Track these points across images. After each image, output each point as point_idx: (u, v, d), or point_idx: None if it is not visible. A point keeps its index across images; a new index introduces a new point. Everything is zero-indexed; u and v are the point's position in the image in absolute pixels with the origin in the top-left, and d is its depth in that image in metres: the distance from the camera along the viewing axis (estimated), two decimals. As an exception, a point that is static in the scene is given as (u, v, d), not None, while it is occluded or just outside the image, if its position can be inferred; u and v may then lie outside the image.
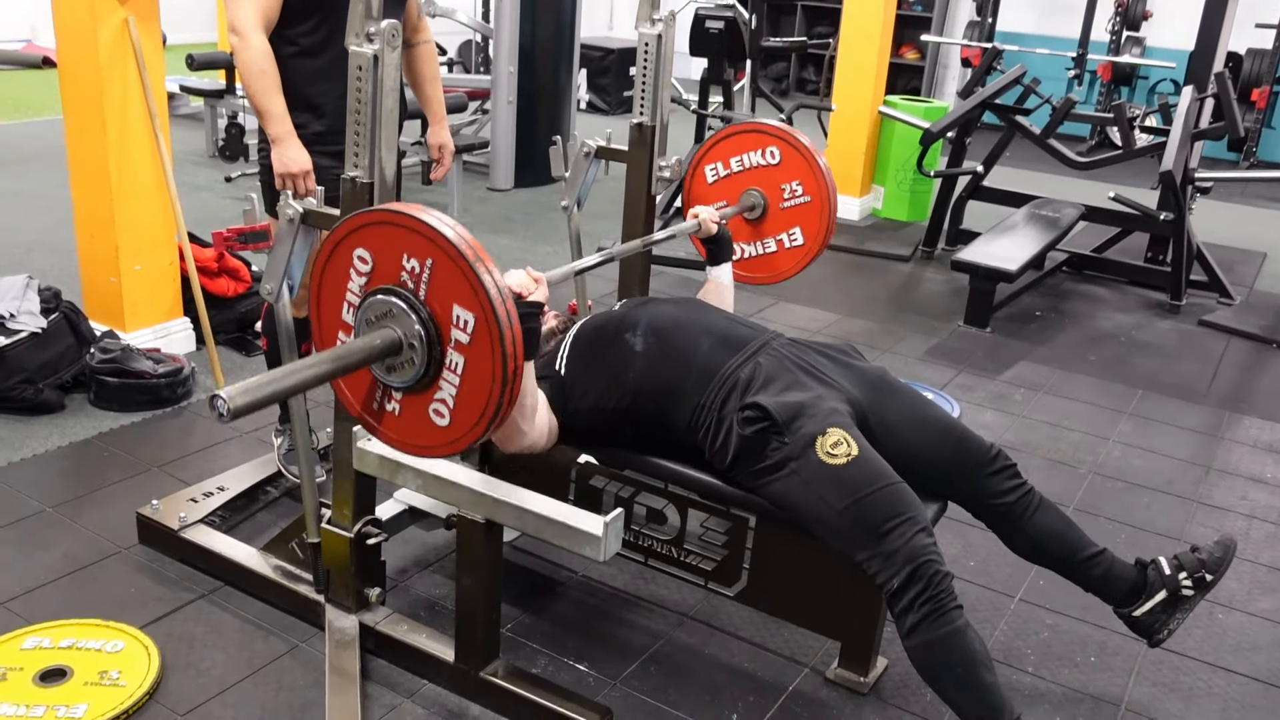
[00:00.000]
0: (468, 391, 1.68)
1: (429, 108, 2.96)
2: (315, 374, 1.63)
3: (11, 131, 7.01)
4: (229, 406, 1.46)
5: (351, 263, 1.74)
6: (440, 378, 1.71)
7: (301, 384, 1.61)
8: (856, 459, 1.97)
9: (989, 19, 9.07)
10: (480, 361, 1.65)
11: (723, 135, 2.87)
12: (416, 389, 1.74)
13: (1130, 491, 3.23)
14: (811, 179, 2.75)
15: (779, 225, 2.82)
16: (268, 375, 1.56)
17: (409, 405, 1.77)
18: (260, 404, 1.53)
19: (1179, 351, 4.51)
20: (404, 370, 1.72)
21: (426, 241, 1.65)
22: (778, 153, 2.78)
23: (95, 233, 3.47)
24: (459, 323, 1.65)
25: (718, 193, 2.86)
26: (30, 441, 3.06)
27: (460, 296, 1.64)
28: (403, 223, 1.67)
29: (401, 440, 1.82)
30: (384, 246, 1.70)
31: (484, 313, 1.62)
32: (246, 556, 2.47)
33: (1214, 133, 5.15)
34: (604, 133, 2.78)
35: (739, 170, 2.84)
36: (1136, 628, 2.21)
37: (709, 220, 2.61)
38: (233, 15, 2.47)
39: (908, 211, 6.36)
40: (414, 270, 1.68)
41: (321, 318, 1.84)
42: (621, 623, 2.45)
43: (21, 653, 2.15)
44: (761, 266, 2.89)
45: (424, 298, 1.68)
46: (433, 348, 1.69)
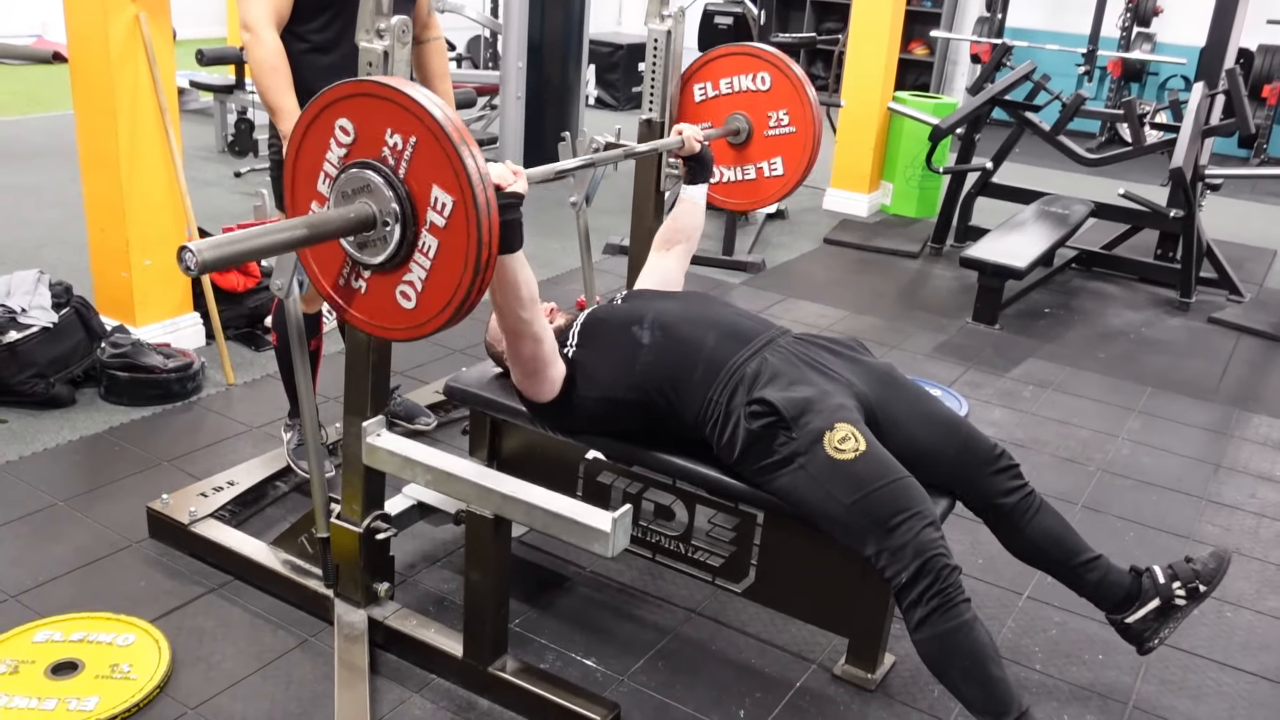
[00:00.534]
0: (438, 276, 1.66)
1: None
2: (287, 238, 1.60)
3: (22, 126, 7.03)
4: (197, 259, 1.45)
5: (333, 132, 1.71)
6: (411, 259, 1.68)
7: (273, 245, 1.60)
8: (864, 454, 1.97)
9: (998, 15, 9.04)
10: (454, 247, 1.62)
11: (715, 54, 2.82)
12: (385, 268, 1.71)
13: (1139, 489, 3.23)
14: (800, 109, 2.72)
15: (761, 153, 2.80)
16: (239, 233, 1.54)
17: (376, 284, 1.74)
18: (229, 260, 1.51)
19: (1188, 349, 4.50)
20: (375, 247, 1.69)
21: (412, 118, 1.61)
22: (769, 79, 2.75)
23: (106, 227, 3.49)
24: (437, 205, 1.63)
25: (705, 112, 2.82)
26: (41, 435, 3.07)
27: (441, 178, 1.61)
28: (390, 96, 1.63)
29: (366, 320, 1.79)
30: (368, 119, 1.66)
31: (464, 197, 1.59)
32: (256, 551, 2.48)
33: (1225, 129, 5.14)
34: (613, 129, 2.78)
35: (727, 92, 2.80)
36: (1127, 635, 2.22)
37: (692, 138, 2.58)
38: (245, 12, 2.47)
39: (916, 208, 6.35)
40: (396, 147, 1.64)
41: (295, 186, 1.80)
42: (629, 618, 2.45)
43: (33, 646, 2.17)
44: (740, 192, 2.87)
45: (404, 176, 1.65)
46: (407, 227, 1.66)
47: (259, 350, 3.75)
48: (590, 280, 3.08)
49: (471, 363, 3.24)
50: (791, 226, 5.99)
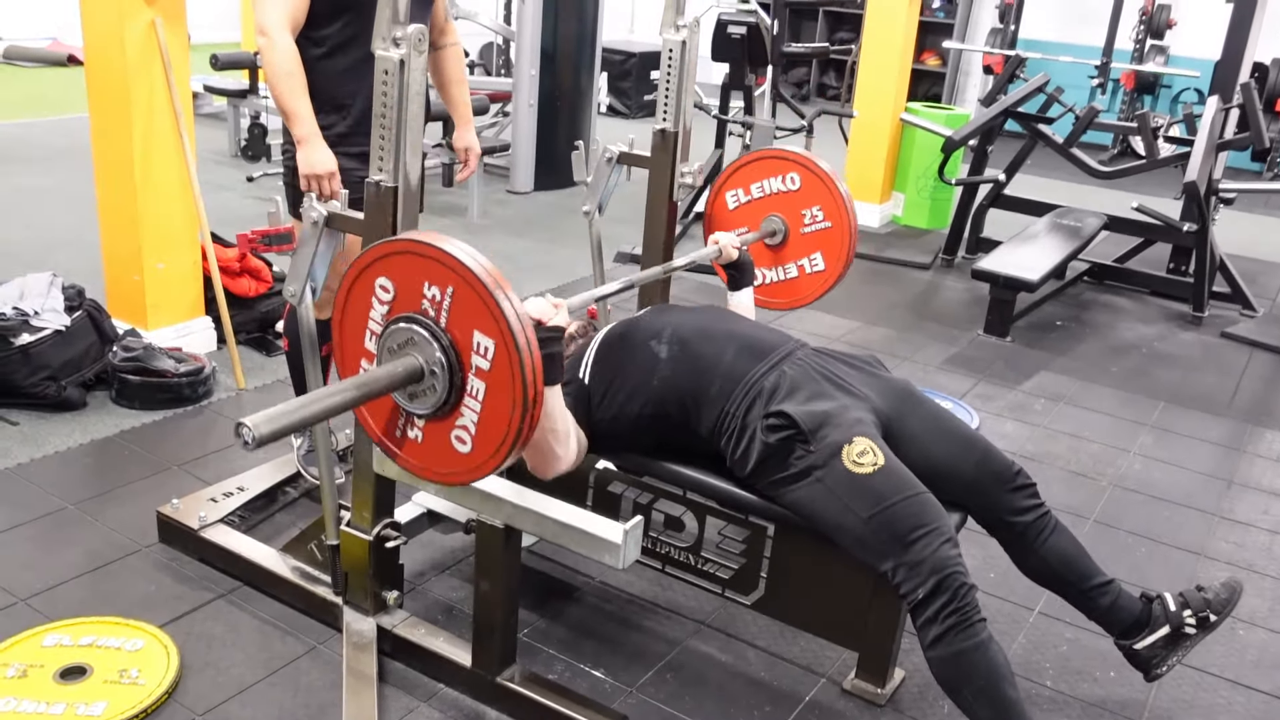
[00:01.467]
0: (489, 418, 1.69)
1: (455, 110, 2.96)
2: (339, 401, 1.64)
3: (37, 128, 7.07)
4: (254, 435, 1.49)
5: (374, 291, 1.76)
6: (462, 404, 1.72)
7: (325, 411, 1.63)
8: (883, 468, 1.97)
9: (1011, 26, 9.03)
10: (501, 387, 1.66)
11: (743, 162, 2.87)
12: (438, 416, 1.75)
13: (1151, 505, 3.21)
14: (832, 204, 2.76)
15: (800, 250, 2.83)
16: (292, 404, 1.58)
17: (431, 432, 1.78)
18: (284, 432, 1.55)
19: (1201, 363, 4.48)
20: (426, 397, 1.73)
21: (447, 269, 1.66)
22: (798, 178, 2.79)
23: (119, 231, 3.50)
24: (479, 349, 1.66)
25: (739, 219, 2.87)
26: (53, 439, 3.08)
27: (480, 323, 1.65)
28: (424, 251, 1.68)
29: (423, 467, 1.82)
30: (405, 275, 1.72)
31: (504, 339, 1.63)
32: (265, 557, 2.48)
33: (1239, 143, 5.12)
34: (627, 138, 2.79)
35: (759, 196, 2.84)
36: (1135, 661, 2.20)
37: (729, 246, 2.62)
38: (260, 16, 2.48)
39: (928, 219, 6.34)
40: (434, 298, 1.69)
41: (344, 346, 1.85)
42: (638, 629, 2.44)
43: (43, 649, 2.17)
44: (783, 291, 2.89)
45: (445, 325, 1.69)
46: (454, 374, 1.70)
47: (270, 355, 3.75)
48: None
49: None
50: (802, 236, 5.98)
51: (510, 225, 5.77)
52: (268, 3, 2.46)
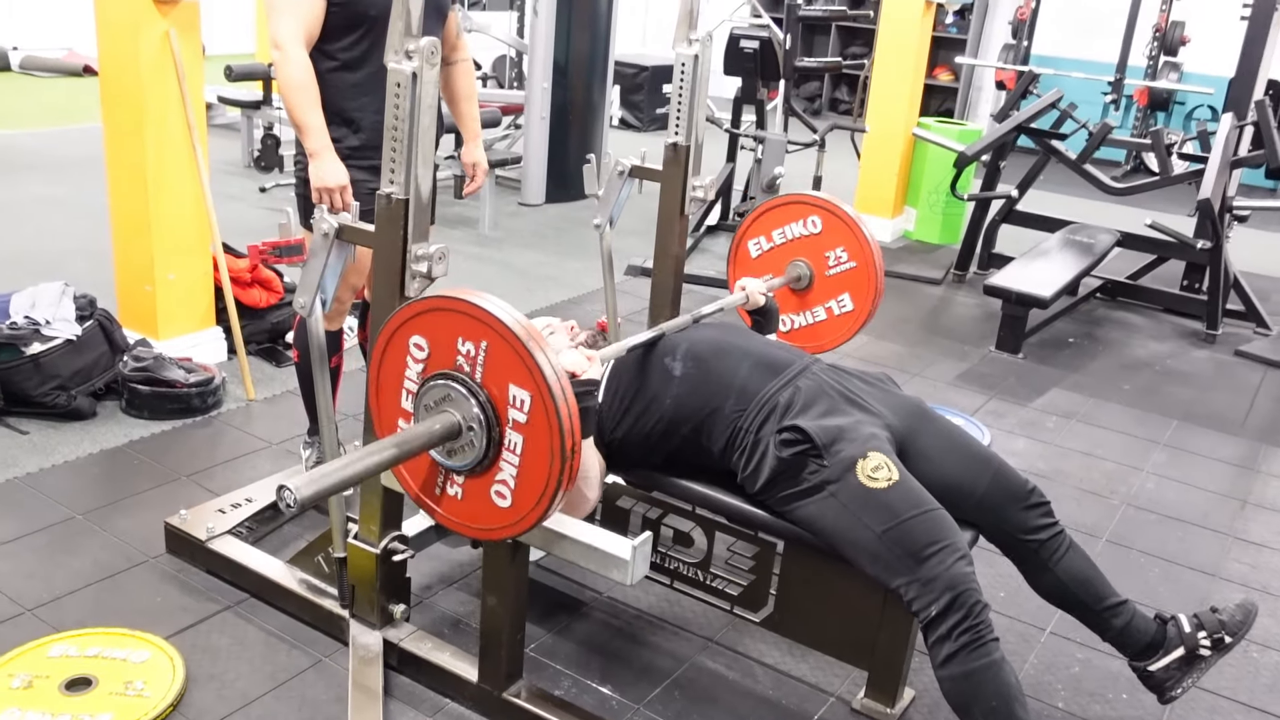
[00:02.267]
0: (528, 471, 1.70)
1: (464, 125, 2.97)
2: (378, 461, 1.65)
3: (51, 138, 7.11)
4: (296, 498, 1.50)
5: (408, 350, 1.78)
6: (500, 459, 1.72)
7: (365, 472, 1.64)
8: (897, 484, 1.95)
9: (1024, 42, 9.03)
10: (539, 440, 1.66)
11: (763, 209, 2.88)
12: (478, 471, 1.75)
13: (1164, 524, 3.18)
14: (855, 244, 2.76)
15: (827, 293, 2.83)
16: (332, 466, 1.59)
17: (471, 488, 1.79)
18: (326, 493, 1.57)
19: (1215, 382, 4.45)
20: (464, 453, 1.74)
21: (480, 325, 1.68)
22: (819, 221, 2.79)
23: (131, 241, 3.51)
24: (516, 402, 1.67)
25: (762, 266, 2.87)
26: (62, 448, 3.08)
27: (516, 376, 1.66)
28: (457, 308, 1.70)
29: (463, 523, 1.83)
30: (439, 332, 1.73)
31: (540, 391, 1.64)
32: (272, 569, 2.47)
33: (1253, 161, 5.09)
34: (638, 152, 2.78)
35: (782, 242, 2.85)
36: (1150, 683, 2.18)
37: (755, 293, 2.61)
38: (275, 30, 2.49)
39: (940, 234, 6.32)
40: (469, 353, 1.70)
41: (381, 406, 1.86)
42: (646, 645, 2.43)
43: (48, 660, 2.16)
44: (812, 335, 2.88)
45: (480, 380, 1.70)
46: (491, 429, 1.70)
47: (280, 366, 3.75)
48: (612, 301, 3.07)
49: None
50: (814, 251, 5.97)
51: (522, 237, 5.77)
52: (283, 17, 2.48)
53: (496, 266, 5.19)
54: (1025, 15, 9.07)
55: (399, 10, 1.81)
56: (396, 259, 1.93)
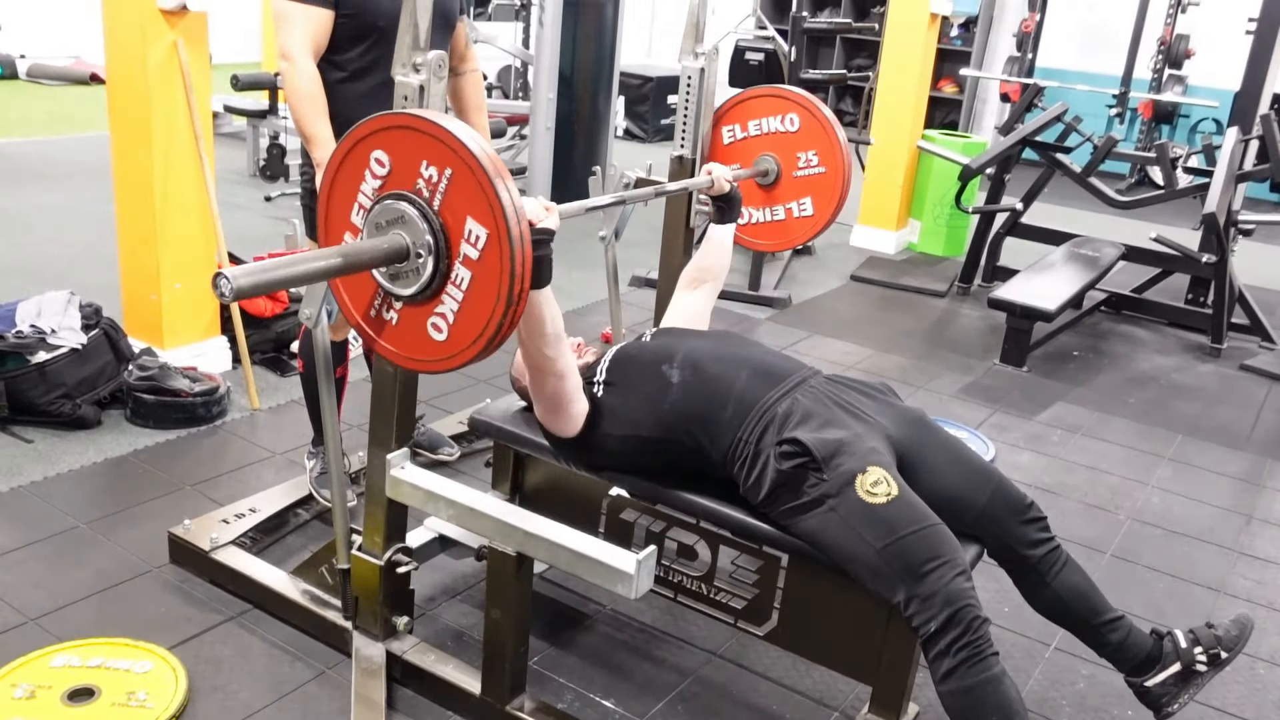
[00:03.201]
0: (470, 309, 1.66)
1: None
2: (321, 267, 1.61)
3: (58, 146, 7.13)
4: (232, 286, 1.45)
5: (368, 164, 1.72)
6: (443, 292, 1.68)
7: (306, 274, 1.61)
8: (897, 498, 1.94)
9: (1029, 54, 9.03)
10: (487, 279, 1.63)
11: (743, 97, 2.82)
12: (417, 300, 1.71)
13: (1169, 539, 3.17)
14: (829, 150, 2.72)
15: (790, 193, 2.79)
16: (274, 261, 1.55)
17: (407, 316, 1.75)
18: (263, 287, 1.52)
19: (1220, 396, 4.44)
20: (408, 279, 1.70)
21: (448, 151, 1.62)
22: (797, 120, 2.75)
23: (137, 250, 3.51)
24: (470, 237, 1.63)
25: (733, 154, 2.83)
26: (67, 457, 3.08)
27: (475, 210, 1.61)
28: (426, 129, 1.65)
29: (396, 351, 1.79)
30: (404, 151, 1.68)
31: (498, 229, 1.59)
32: (276, 580, 2.47)
33: (1258, 175, 5.09)
34: (644, 163, 2.78)
35: (756, 134, 2.80)
36: (1146, 699, 2.17)
37: (721, 178, 2.58)
38: (283, 41, 2.50)
39: (944, 247, 6.32)
40: (431, 179, 1.65)
41: (329, 216, 1.81)
42: (649, 659, 2.42)
43: (51, 670, 2.16)
44: (768, 233, 2.85)
45: (438, 208, 1.66)
46: (440, 259, 1.66)
47: (285, 375, 3.75)
48: (617, 313, 3.07)
49: (497, 394, 3.23)
50: (818, 263, 5.98)
51: (526, 248, 5.77)
52: (291, 28, 2.49)
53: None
54: (1030, 28, 9.08)
55: (407, 23, 1.81)
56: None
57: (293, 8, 2.49)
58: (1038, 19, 9.02)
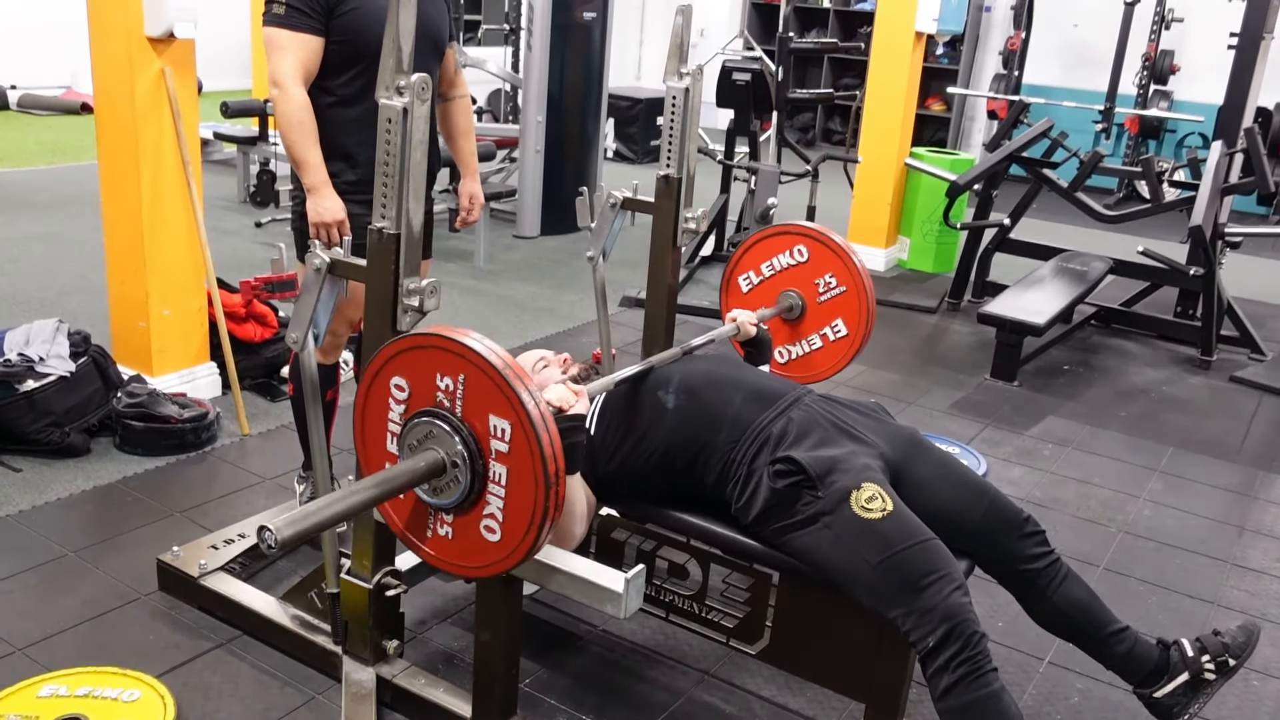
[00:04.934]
0: (514, 501, 1.69)
1: (461, 160, 2.99)
2: (360, 500, 1.64)
3: (48, 175, 7.13)
4: (277, 539, 1.49)
5: (389, 392, 1.78)
6: (486, 492, 1.72)
7: (346, 511, 1.63)
8: (892, 514, 1.94)
9: (1015, 71, 9.10)
10: (522, 468, 1.66)
11: (749, 244, 2.89)
12: (465, 507, 1.75)
13: (1161, 552, 3.17)
14: (843, 269, 2.77)
15: (820, 320, 2.84)
16: (315, 507, 1.58)
17: (460, 526, 1.78)
18: (307, 535, 1.55)
19: (1210, 408, 4.45)
20: (450, 490, 1.74)
21: (456, 358, 1.68)
22: (805, 250, 2.80)
23: (126, 277, 3.51)
24: (497, 433, 1.67)
25: (755, 300, 2.88)
26: (55, 485, 3.07)
27: (495, 406, 1.66)
28: (432, 344, 1.71)
29: (455, 563, 1.82)
30: (417, 371, 1.74)
31: (519, 417, 1.64)
32: (265, 605, 2.46)
33: (1244, 188, 5.12)
34: (631, 184, 2.79)
35: (770, 275, 2.86)
36: (1156, 710, 2.16)
37: (747, 324, 2.62)
38: (273, 68, 2.51)
39: (933, 263, 6.34)
40: (448, 389, 1.70)
41: (368, 452, 1.87)
42: (641, 679, 2.41)
43: (38, 701, 2.14)
44: (809, 365, 2.88)
45: (461, 414, 1.70)
46: (475, 462, 1.70)
47: (275, 401, 3.75)
48: (606, 333, 3.07)
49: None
50: (808, 280, 5.98)
51: (516, 270, 5.79)
52: (282, 55, 2.49)
53: (491, 299, 5.19)
54: (1016, 45, 9.15)
55: (390, 47, 1.82)
56: (388, 293, 1.94)
57: (283, 35, 2.50)
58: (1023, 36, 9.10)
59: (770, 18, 10.87)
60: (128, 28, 3.22)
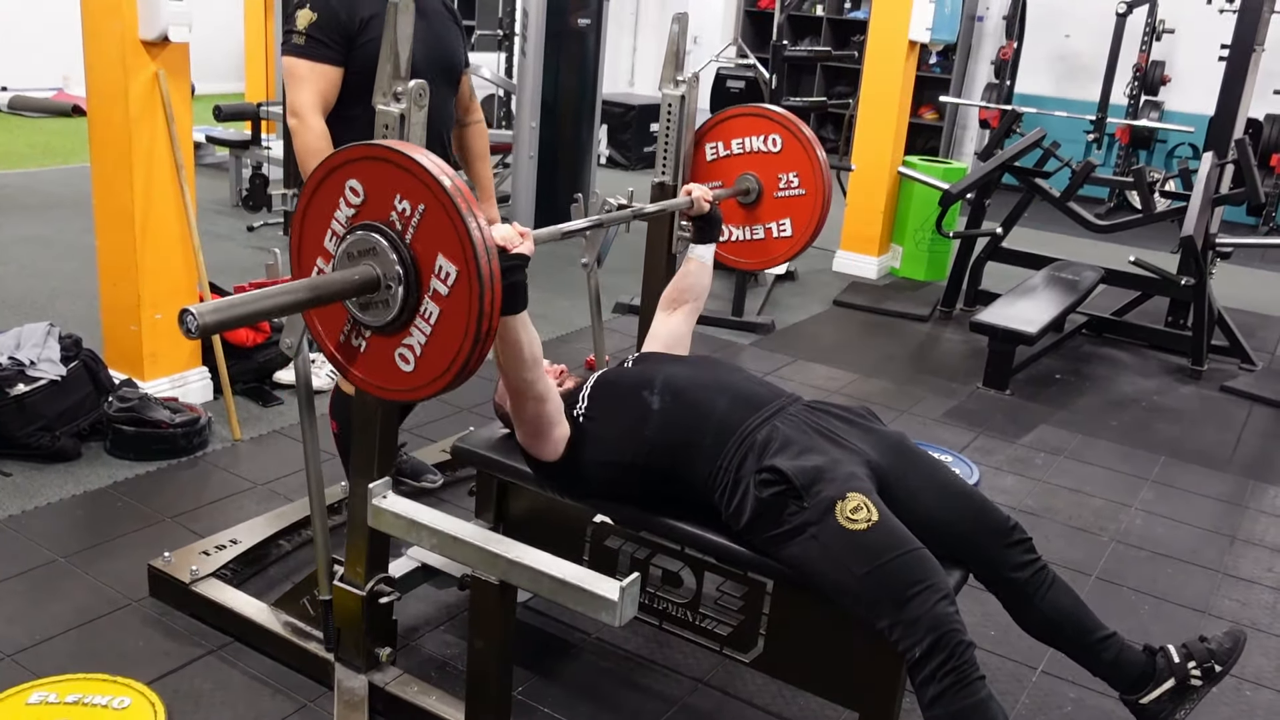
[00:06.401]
0: (437, 342, 1.67)
1: (479, 185, 2.98)
2: (289, 300, 1.62)
3: (39, 178, 7.11)
4: (198, 323, 1.45)
5: (343, 192, 1.73)
6: (412, 324, 1.69)
7: (275, 308, 1.62)
8: (877, 524, 1.94)
9: (1007, 81, 9.14)
10: (455, 316, 1.64)
11: (728, 115, 2.83)
12: (386, 331, 1.73)
13: (1153, 561, 3.18)
14: (810, 172, 2.73)
15: (771, 213, 2.80)
16: (241, 296, 1.56)
17: (376, 345, 1.76)
18: (230, 323, 1.52)
19: (1201, 418, 4.46)
20: (377, 310, 1.71)
21: (422, 185, 1.64)
22: (780, 140, 2.76)
23: (118, 281, 3.50)
24: (440, 273, 1.64)
25: (715, 172, 2.83)
26: (45, 490, 3.05)
27: (447, 247, 1.63)
28: (402, 163, 1.66)
29: (364, 379, 1.80)
30: (379, 182, 1.69)
31: (468, 267, 1.61)
32: (257, 612, 2.44)
33: (1234, 198, 5.15)
34: (625, 190, 2.79)
35: (738, 153, 2.81)
36: (1142, 716, 2.16)
37: (701, 198, 2.59)
38: (292, 98, 2.50)
39: (926, 271, 6.36)
40: (404, 212, 1.67)
41: (302, 243, 1.82)
42: (635, 688, 2.40)
43: (27, 708, 2.12)
44: (747, 251, 2.86)
45: (410, 241, 1.67)
46: (410, 293, 1.67)
47: (267, 406, 3.73)
48: (600, 340, 3.07)
49: (480, 422, 3.22)
50: (801, 288, 6.00)
51: (509, 276, 5.77)
52: (300, 85, 2.48)
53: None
54: (1008, 55, 9.19)
55: (387, 52, 1.82)
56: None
57: (303, 65, 2.49)
58: (1015, 46, 9.14)
59: (764, 26, 10.89)
60: (122, 31, 3.21)
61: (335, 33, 2.49)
